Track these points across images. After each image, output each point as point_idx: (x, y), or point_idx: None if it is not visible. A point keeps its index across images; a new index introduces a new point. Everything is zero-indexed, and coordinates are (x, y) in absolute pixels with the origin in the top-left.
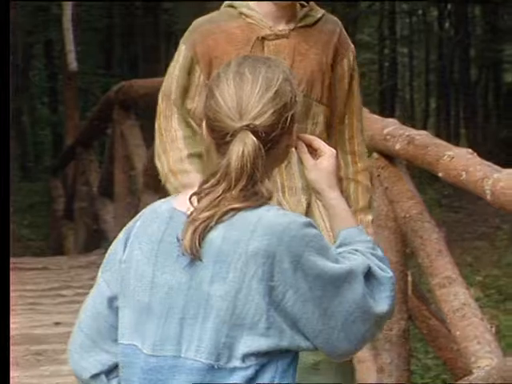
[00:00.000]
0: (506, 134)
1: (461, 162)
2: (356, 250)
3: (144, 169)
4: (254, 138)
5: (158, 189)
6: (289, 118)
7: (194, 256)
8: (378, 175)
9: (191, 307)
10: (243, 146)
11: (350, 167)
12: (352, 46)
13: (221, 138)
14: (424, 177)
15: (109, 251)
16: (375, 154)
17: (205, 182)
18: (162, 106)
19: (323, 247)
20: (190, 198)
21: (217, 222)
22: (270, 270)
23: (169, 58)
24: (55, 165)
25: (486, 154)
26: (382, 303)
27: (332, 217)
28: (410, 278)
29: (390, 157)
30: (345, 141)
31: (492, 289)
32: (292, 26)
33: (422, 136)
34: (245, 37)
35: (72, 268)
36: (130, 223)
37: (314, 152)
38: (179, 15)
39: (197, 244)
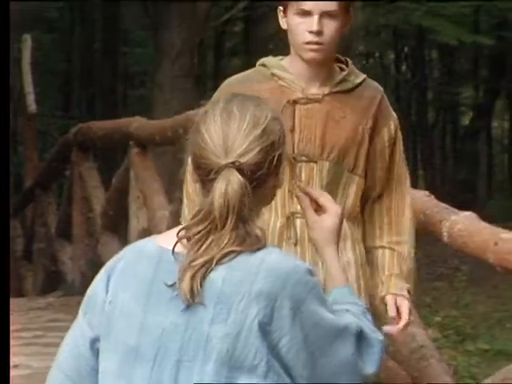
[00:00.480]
0: (464, 176)
1: (418, 204)
2: (347, 310)
3: (102, 210)
4: (239, 176)
5: (115, 230)
6: (275, 158)
7: (194, 301)
8: None
9: (189, 349)
10: (227, 184)
11: (385, 237)
12: (394, 115)
13: (206, 175)
14: None
15: (89, 292)
16: None
17: (191, 218)
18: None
19: (323, 297)
20: (178, 234)
21: (216, 264)
22: (270, 314)
23: (126, 100)
24: (14, 206)
25: (443, 195)
26: (370, 364)
27: (326, 274)
28: None
29: None
30: (382, 211)
31: (450, 329)
32: (327, 90)
33: None
34: (275, 100)
35: (31, 310)
36: (110, 263)
37: (318, 208)
38: (136, 58)
39: (197, 290)
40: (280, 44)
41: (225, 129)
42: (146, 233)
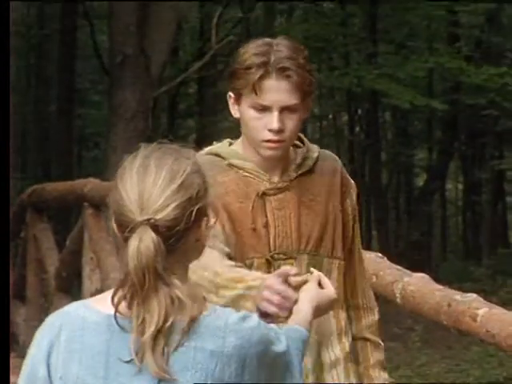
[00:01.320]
0: (418, 237)
1: (371, 265)
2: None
3: (56, 272)
4: (153, 234)
5: (69, 291)
6: (194, 212)
7: (166, 375)
8: None
9: None
10: (139, 242)
11: (355, 325)
12: (353, 182)
13: (123, 232)
14: None
15: (25, 369)
16: None
17: (119, 282)
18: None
19: (274, 338)
20: (112, 298)
21: (177, 332)
22: (242, 372)
23: (81, 161)
24: None
25: (397, 256)
26: None
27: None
28: None
29: None
30: (347, 294)
31: None
32: (293, 174)
33: None
34: (241, 191)
35: None
36: (48, 337)
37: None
38: (92, 119)
39: (165, 363)
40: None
41: (140, 185)
42: (100, 294)
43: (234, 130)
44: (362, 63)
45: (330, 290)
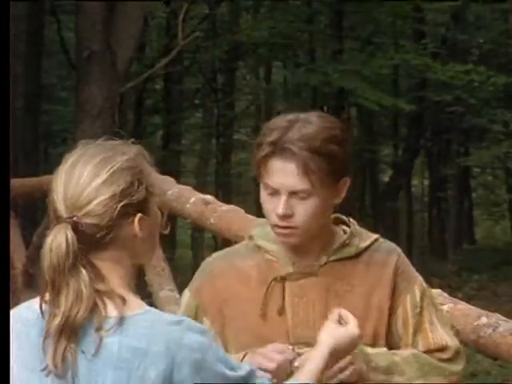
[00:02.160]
0: (383, 233)
1: None
2: None
3: (23, 268)
4: (68, 232)
5: (36, 288)
6: (118, 208)
7: (64, 376)
8: None
9: None
10: (52, 241)
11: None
12: (419, 278)
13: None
14: None
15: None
16: None
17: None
18: None
19: (223, 356)
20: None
21: (103, 329)
22: (170, 375)
23: (48, 158)
24: None
25: None
26: None
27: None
28: None
29: None
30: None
31: None
32: (324, 259)
33: None
34: (261, 277)
35: None
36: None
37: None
38: (58, 116)
39: (59, 362)
40: (200, 102)
41: (67, 182)
42: None
43: (200, 126)
44: (328, 60)
45: (352, 325)
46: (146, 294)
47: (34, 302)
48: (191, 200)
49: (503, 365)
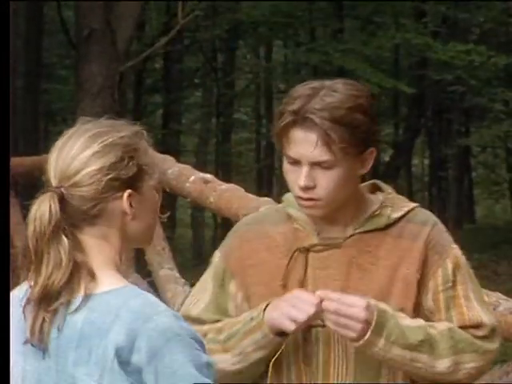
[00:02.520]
0: None
1: None
2: None
3: (23, 247)
4: (52, 201)
5: None
6: (105, 180)
7: (40, 345)
8: None
9: None
10: (36, 209)
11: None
12: (455, 250)
13: None
14: None
15: None
16: None
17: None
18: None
19: (191, 347)
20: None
21: (80, 305)
22: (128, 356)
23: (47, 136)
24: None
25: None
26: None
27: None
28: None
29: None
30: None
31: None
32: (349, 231)
33: None
34: (287, 246)
35: None
36: None
37: None
38: (58, 95)
39: (37, 333)
40: (200, 81)
41: (59, 153)
42: None
43: (200, 105)
44: (329, 39)
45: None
46: (146, 273)
47: (28, 281)
48: (191, 179)
49: (503, 343)
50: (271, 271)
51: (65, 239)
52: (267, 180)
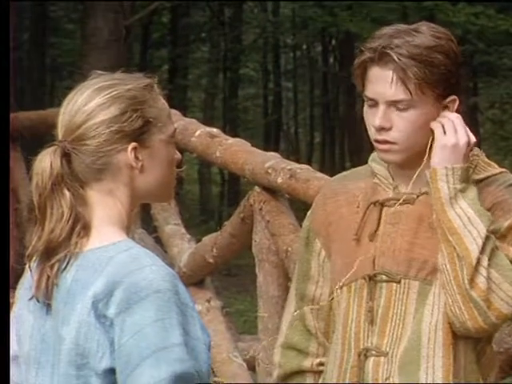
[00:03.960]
0: None
1: None
2: None
3: (29, 202)
4: (53, 155)
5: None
6: (107, 132)
7: (45, 302)
8: (260, 209)
9: (55, 352)
10: (38, 163)
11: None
12: None
13: None
14: (307, 210)
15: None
16: (257, 188)
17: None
18: (291, 287)
19: (168, 310)
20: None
21: (68, 262)
22: (105, 309)
23: (54, 91)
24: None
25: None
26: None
27: None
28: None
29: (271, 190)
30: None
31: None
32: (426, 188)
33: (304, 170)
34: (365, 201)
35: None
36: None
37: None
38: (65, 49)
39: (46, 291)
40: (207, 36)
41: (66, 106)
42: None
43: (207, 60)
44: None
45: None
46: (152, 229)
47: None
48: (197, 133)
49: None
50: (348, 226)
51: (67, 193)
52: (275, 135)
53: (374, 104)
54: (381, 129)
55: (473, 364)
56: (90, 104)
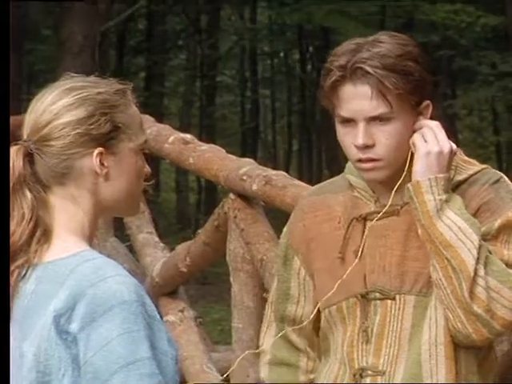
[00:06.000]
0: None
1: None
2: None
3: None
4: (15, 156)
5: None
6: (73, 134)
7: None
8: (235, 217)
9: (22, 366)
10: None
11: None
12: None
13: None
14: (283, 218)
15: None
16: (231, 195)
17: None
18: (267, 310)
19: (136, 320)
20: None
21: (30, 272)
22: (67, 324)
23: (30, 98)
24: None
25: None
26: None
27: None
28: None
29: (246, 198)
30: None
31: None
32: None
33: (280, 176)
34: (346, 215)
35: None
36: None
37: None
38: (40, 55)
39: (11, 301)
40: (184, 43)
41: (33, 105)
42: None
43: (184, 68)
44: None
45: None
46: (125, 237)
47: None
48: (170, 139)
49: None
50: (330, 243)
51: (29, 195)
52: (252, 143)
53: (351, 123)
54: (364, 147)
55: (474, 372)
56: (58, 104)
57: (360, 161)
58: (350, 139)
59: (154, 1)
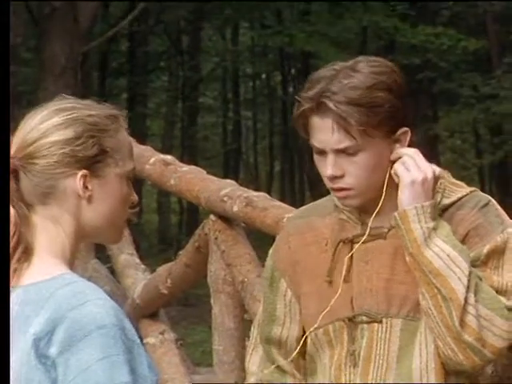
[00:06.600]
0: None
1: None
2: None
3: None
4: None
5: None
6: (58, 154)
7: None
8: (216, 238)
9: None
10: None
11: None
12: (500, 237)
13: None
14: (264, 239)
15: None
16: (212, 217)
17: None
18: (253, 331)
19: (116, 344)
20: None
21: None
22: (46, 349)
23: (14, 119)
24: None
25: None
26: None
27: None
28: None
29: (227, 219)
30: None
31: None
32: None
33: (261, 198)
34: (333, 239)
35: None
36: None
37: None
38: (23, 77)
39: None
40: (165, 64)
41: (22, 123)
42: None
43: (166, 89)
44: (295, 21)
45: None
46: (106, 259)
47: None
48: (151, 160)
49: None
50: (318, 266)
51: (12, 210)
52: (234, 164)
53: (322, 152)
54: (333, 178)
55: None
56: (47, 122)
57: (333, 189)
58: (323, 169)
59: (135, 21)
